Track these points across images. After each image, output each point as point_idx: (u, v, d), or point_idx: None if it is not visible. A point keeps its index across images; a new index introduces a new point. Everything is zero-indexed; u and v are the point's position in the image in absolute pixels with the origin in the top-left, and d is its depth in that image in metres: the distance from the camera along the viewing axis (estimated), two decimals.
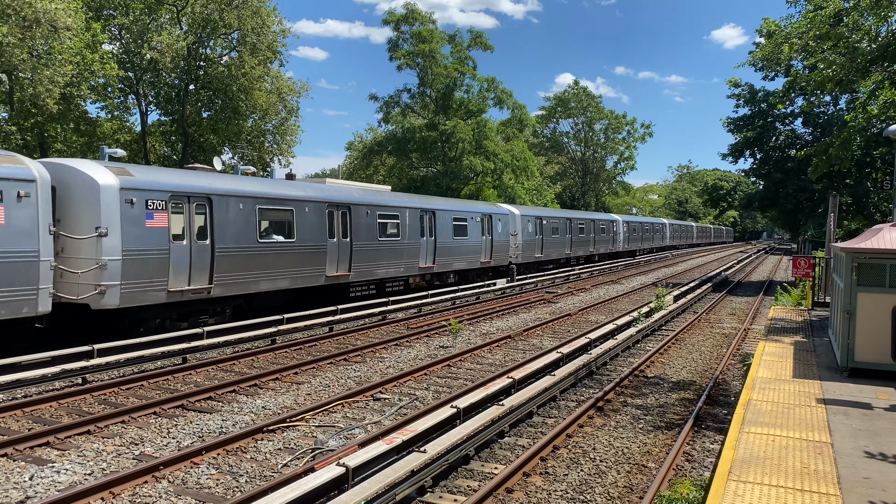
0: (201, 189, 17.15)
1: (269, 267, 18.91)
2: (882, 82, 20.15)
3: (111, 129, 42.89)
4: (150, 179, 16.13)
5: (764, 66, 37.41)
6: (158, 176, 16.80)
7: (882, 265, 10.71)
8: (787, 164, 41.38)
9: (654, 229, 72.57)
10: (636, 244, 64.84)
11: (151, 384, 13.09)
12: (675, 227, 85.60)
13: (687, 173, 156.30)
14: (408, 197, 28.39)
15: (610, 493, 8.35)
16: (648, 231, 69.97)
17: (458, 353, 16.25)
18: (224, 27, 40.16)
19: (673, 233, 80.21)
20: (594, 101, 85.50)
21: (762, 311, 26.20)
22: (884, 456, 7.09)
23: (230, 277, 17.66)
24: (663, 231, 76.80)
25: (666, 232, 77.89)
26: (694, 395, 13.10)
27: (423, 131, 58.01)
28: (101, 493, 7.70)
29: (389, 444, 8.50)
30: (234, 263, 17.74)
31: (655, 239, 73.05)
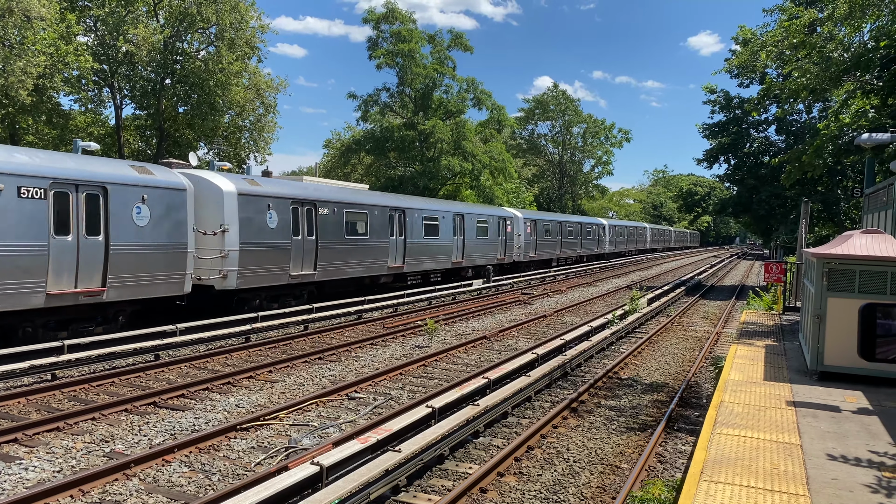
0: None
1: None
2: (854, 92, 20.52)
3: (84, 122, 42.23)
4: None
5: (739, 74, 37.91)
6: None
7: (852, 271, 10.90)
8: (760, 171, 41.96)
9: (637, 233, 79.90)
10: (622, 246, 70.64)
11: (123, 381, 12.92)
12: (655, 230, 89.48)
13: (662, 178, 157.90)
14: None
15: (583, 493, 8.40)
16: (633, 235, 77.48)
17: (434, 352, 16.25)
18: (202, 21, 39.72)
19: (653, 236, 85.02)
20: (573, 105, 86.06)
21: (734, 314, 26.54)
22: (851, 458, 7.22)
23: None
24: (645, 235, 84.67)
25: (647, 235, 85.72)
26: (666, 397, 13.24)
27: (402, 131, 57.91)
28: (71, 490, 7.58)
29: (364, 444, 8.48)
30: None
31: (638, 242, 79.94)
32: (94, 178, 15.28)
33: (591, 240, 59.50)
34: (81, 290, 14.84)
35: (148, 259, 16.38)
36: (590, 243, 58.62)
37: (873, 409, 9.32)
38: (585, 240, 57.19)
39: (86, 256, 14.92)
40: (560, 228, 49.68)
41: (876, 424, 8.58)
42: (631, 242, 74.84)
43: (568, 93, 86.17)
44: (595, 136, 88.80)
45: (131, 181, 16.15)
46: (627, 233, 73.46)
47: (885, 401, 9.82)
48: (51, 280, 14.20)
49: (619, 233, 69.69)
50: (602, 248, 62.97)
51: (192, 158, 23.28)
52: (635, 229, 76.13)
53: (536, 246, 43.97)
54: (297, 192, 21.74)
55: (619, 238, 68.25)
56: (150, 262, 16.45)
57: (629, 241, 73.36)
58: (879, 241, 11.37)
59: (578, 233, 55.24)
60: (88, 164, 15.83)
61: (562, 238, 49.95)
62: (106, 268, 15.37)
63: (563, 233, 50.39)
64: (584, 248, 56.80)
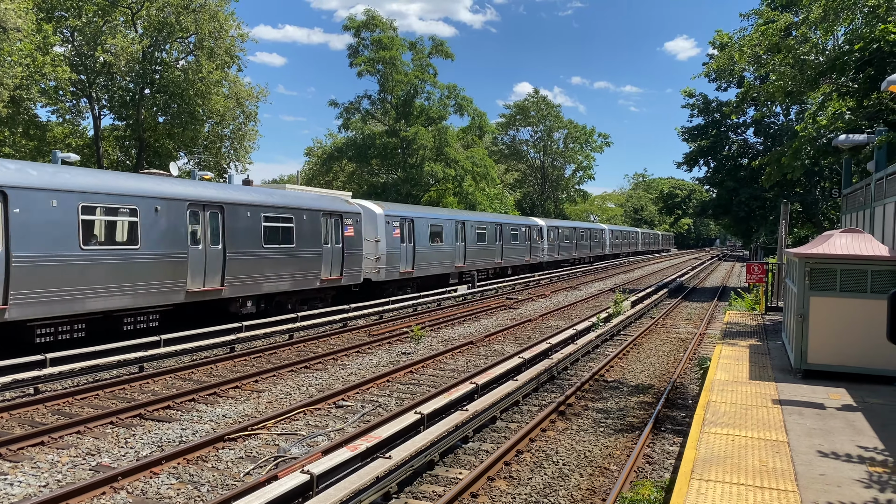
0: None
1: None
2: (830, 94, 20.82)
3: (62, 133, 41.83)
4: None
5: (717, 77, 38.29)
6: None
7: (833, 270, 11.06)
8: (739, 173, 42.37)
9: (630, 236, 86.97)
10: (618, 248, 79.51)
11: (107, 393, 12.77)
12: (616, 234, 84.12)
13: (643, 181, 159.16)
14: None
15: (573, 495, 8.43)
16: (627, 238, 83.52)
17: (421, 359, 16.24)
18: (181, 31, 39.54)
19: (613, 240, 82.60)
20: (553, 110, 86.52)
21: (717, 315, 26.78)
22: (837, 454, 7.32)
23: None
24: (637, 238, 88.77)
25: (639, 239, 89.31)
26: (653, 399, 13.32)
27: (384, 137, 57.95)
28: None
29: (354, 451, 8.45)
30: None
31: (631, 245, 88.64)
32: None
33: (597, 243, 63.38)
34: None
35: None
36: (596, 246, 63.24)
37: (857, 406, 9.45)
38: (592, 242, 61.96)
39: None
40: (575, 234, 57.46)
41: (860, 420, 8.70)
42: (625, 245, 72.67)
43: (548, 98, 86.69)
44: (576, 141, 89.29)
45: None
46: (622, 236, 70.91)
47: (868, 397, 9.96)
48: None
49: (617, 237, 69.02)
50: (604, 251, 67.25)
51: (173, 168, 23.13)
52: (629, 234, 71.60)
53: (559, 249, 53.07)
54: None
55: (616, 241, 67.07)
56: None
57: (624, 244, 70.68)
58: (859, 241, 11.55)
59: (587, 237, 60.76)
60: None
61: (576, 242, 57.54)
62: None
63: (577, 237, 58.13)
64: (592, 250, 62.44)
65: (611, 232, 75.39)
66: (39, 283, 14.14)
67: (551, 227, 50.97)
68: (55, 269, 14.47)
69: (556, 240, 51.58)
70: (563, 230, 54.34)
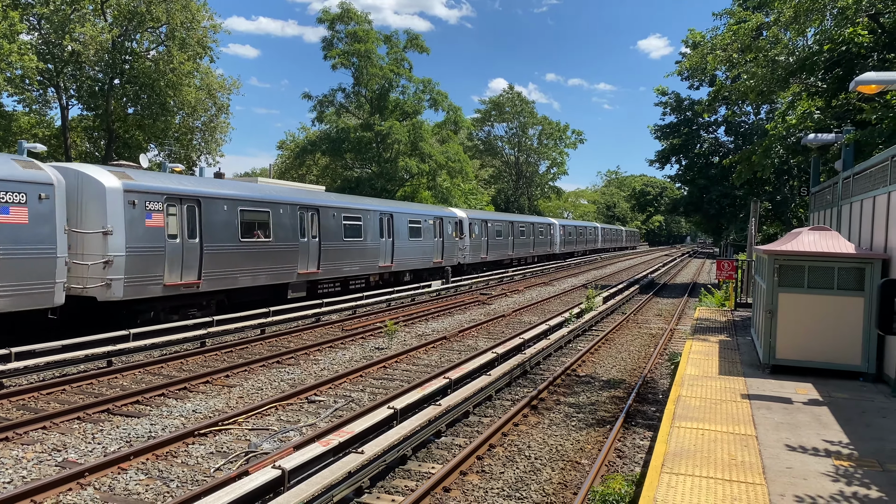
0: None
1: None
2: (799, 94, 21.15)
3: (28, 123, 40.99)
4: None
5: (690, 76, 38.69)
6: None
7: (801, 266, 11.23)
8: (710, 171, 42.93)
9: (588, 232, 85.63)
10: (608, 244, 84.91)
11: (74, 388, 12.55)
12: (570, 230, 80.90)
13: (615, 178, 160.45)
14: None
15: (545, 489, 8.47)
16: (584, 235, 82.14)
17: (394, 354, 16.20)
18: (152, 20, 38.93)
19: (566, 237, 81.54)
20: (528, 107, 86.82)
21: (687, 311, 27.10)
22: (804, 447, 7.44)
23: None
24: (596, 234, 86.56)
25: (598, 235, 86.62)
26: (624, 394, 13.44)
27: (358, 131, 57.64)
28: (23, 501, 7.33)
29: (326, 446, 8.40)
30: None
31: (616, 241, 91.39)
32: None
33: (591, 238, 63.84)
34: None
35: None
36: (590, 241, 64.13)
37: (823, 401, 9.62)
38: (587, 238, 63.27)
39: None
40: (575, 230, 59.86)
41: (826, 415, 8.86)
42: (611, 241, 67.21)
43: (523, 95, 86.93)
44: (550, 137, 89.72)
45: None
46: (611, 233, 63.87)
47: (833, 392, 10.15)
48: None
49: (607, 233, 66.03)
50: (595, 245, 69.16)
51: (143, 160, 22.79)
52: (530, 227, 53.99)
53: (564, 243, 57.19)
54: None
55: (606, 237, 63.48)
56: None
57: (612, 239, 63.77)
58: (827, 238, 11.74)
59: (584, 233, 62.53)
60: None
61: (575, 237, 58.89)
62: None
63: (576, 234, 60.16)
64: (586, 245, 63.70)
65: (562, 227, 64.76)
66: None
67: (476, 221, 41.34)
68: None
69: (483, 236, 42.11)
70: (495, 224, 45.01)
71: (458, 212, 39.24)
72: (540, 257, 57.45)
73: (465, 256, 38.96)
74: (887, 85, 10.13)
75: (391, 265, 29.80)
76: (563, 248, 64.78)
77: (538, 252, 55.95)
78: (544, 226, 58.35)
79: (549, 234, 59.03)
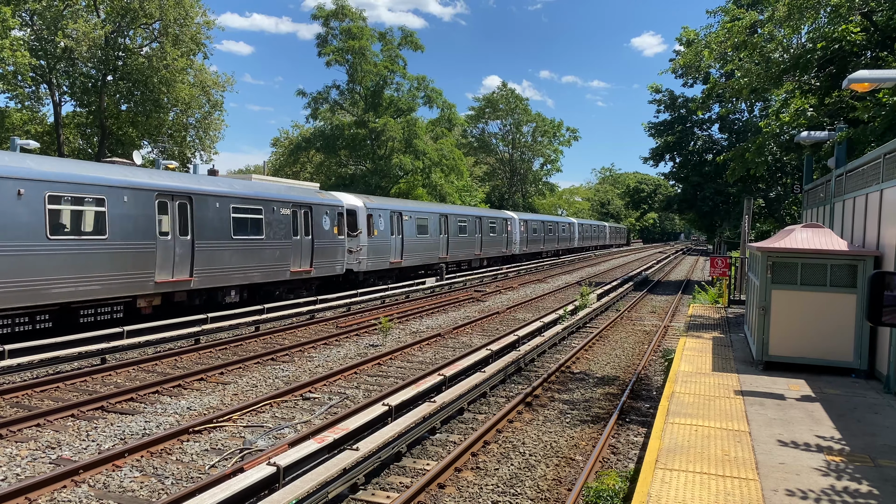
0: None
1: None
2: (793, 91, 21.23)
3: (21, 119, 40.78)
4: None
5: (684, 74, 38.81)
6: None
7: (794, 263, 11.28)
8: (704, 168, 43.06)
9: (597, 230, 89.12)
10: (613, 240, 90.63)
11: (68, 386, 12.52)
12: (536, 225, 74.47)
13: (610, 176, 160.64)
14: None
15: (539, 486, 8.50)
16: (594, 232, 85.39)
17: (389, 351, 16.21)
18: (145, 17, 38.77)
19: (532, 236, 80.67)
20: (522, 104, 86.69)
21: (681, 308, 27.18)
22: (796, 443, 7.49)
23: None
24: (572, 232, 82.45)
25: (574, 233, 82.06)
26: (618, 390, 13.48)
27: (353, 128, 57.56)
28: (17, 498, 7.32)
29: (321, 443, 8.41)
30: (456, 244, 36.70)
31: (598, 238, 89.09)
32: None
33: (600, 235, 65.84)
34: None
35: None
36: (599, 238, 66.16)
37: (815, 397, 9.68)
38: (598, 235, 66.30)
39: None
40: (588, 228, 60.58)
41: (818, 411, 8.92)
42: (614, 238, 62.95)
43: (517, 92, 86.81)
44: (544, 134, 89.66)
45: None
46: (447, 228, 37.57)
47: (826, 388, 10.21)
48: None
49: (611, 230, 65.40)
50: (603, 241, 69.90)
51: (137, 157, 22.70)
52: (477, 223, 42.58)
53: (580, 239, 57.35)
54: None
55: (612, 235, 62.40)
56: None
57: (456, 242, 38.52)
58: (819, 235, 11.80)
59: (597, 230, 63.55)
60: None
61: (585, 234, 60.07)
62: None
63: (589, 230, 61.72)
64: (599, 241, 65.43)
65: (523, 223, 53.19)
66: None
67: (383, 212, 30.09)
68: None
69: (394, 233, 30.96)
70: (417, 217, 33.85)
71: (347, 198, 28.29)
72: (492, 259, 46.90)
73: (362, 261, 27.98)
74: (879, 83, 10.18)
75: (181, 280, 18.51)
76: (526, 247, 53.89)
77: (489, 253, 44.94)
78: (498, 221, 47.32)
79: (504, 230, 48.44)
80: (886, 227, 10.63)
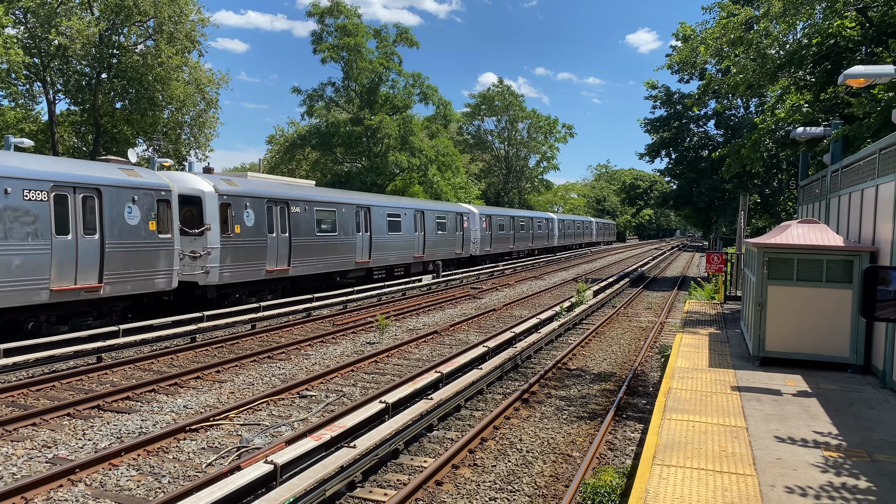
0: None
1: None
2: (788, 87, 21.23)
3: (15, 117, 40.59)
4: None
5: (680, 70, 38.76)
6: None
7: (790, 259, 11.29)
8: (700, 164, 43.05)
9: (535, 226, 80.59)
10: (602, 238, 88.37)
11: (64, 385, 12.48)
12: (567, 222, 70.82)
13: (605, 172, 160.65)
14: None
15: (537, 482, 8.50)
16: (527, 230, 76.36)
17: (386, 348, 16.19)
18: (139, 14, 38.62)
19: (599, 230, 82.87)
20: (517, 101, 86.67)
21: (677, 305, 27.21)
22: (793, 439, 7.49)
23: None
24: (550, 229, 77.61)
25: (553, 230, 74.39)
26: (615, 386, 13.49)
27: (348, 126, 57.47)
28: (13, 498, 7.30)
29: (318, 441, 8.40)
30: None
31: (537, 240, 78.61)
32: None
33: (610, 232, 68.29)
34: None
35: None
36: (608, 234, 68.03)
37: (812, 392, 9.69)
38: (608, 232, 67.37)
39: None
40: (597, 226, 61.99)
41: (815, 406, 8.93)
42: (398, 247, 31.46)
43: (512, 89, 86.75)
44: (539, 131, 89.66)
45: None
46: (367, 223, 28.64)
47: (822, 383, 10.22)
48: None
49: (318, 224, 21.43)
50: (612, 238, 69.65)
51: (132, 155, 22.63)
52: (419, 218, 34.23)
53: (595, 235, 59.36)
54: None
55: (299, 240, 22.72)
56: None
57: (396, 244, 31.20)
58: (815, 231, 11.81)
59: (602, 228, 64.38)
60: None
61: (593, 231, 60.52)
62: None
63: (596, 228, 62.51)
64: (606, 238, 66.25)
65: (484, 219, 44.20)
66: None
67: (254, 201, 21.48)
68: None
69: (273, 229, 22.32)
70: (318, 210, 24.89)
71: (184, 179, 20.24)
72: (445, 263, 37.43)
73: (211, 271, 19.70)
74: (875, 78, 10.18)
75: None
76: (490, 247, 45.45)
77: (436, 255, 36.05)
78: (449, 215, 38.11)
79: (458, 227, 39.19)
80: (882, 222, 10.65)
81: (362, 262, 28.22)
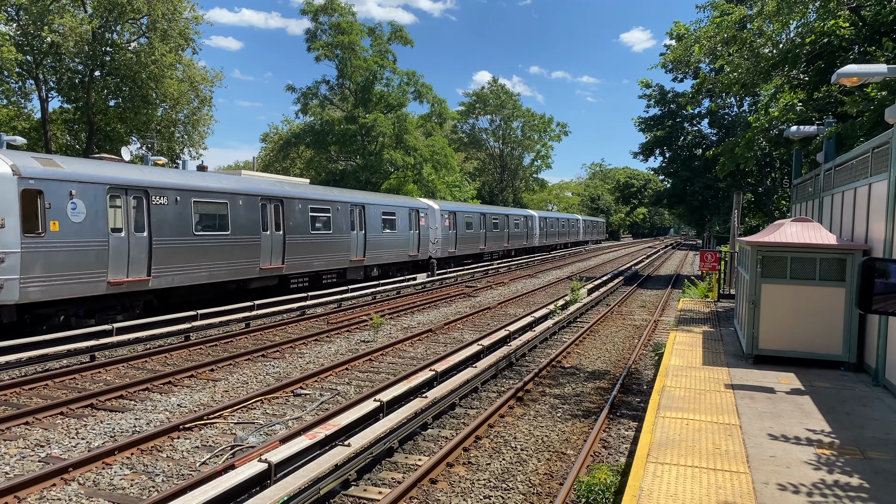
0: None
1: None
2: (782, 86, 21.30)
3: (7, 115, 40.38)
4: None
5: (674, 68, 38.85)
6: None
7: (784, 258, 11.33)
8: (694, 163, 43.14)
9: (511, 223, 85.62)
10: (590, 236, 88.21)
11: (57, 383, 12.44)
12: (552, 220, 67.37)
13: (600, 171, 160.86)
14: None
15: (531, 480, 8.51)
16: (502, 228, 76.35)
17: (380, 347, 16.18)
18: (132, 11, 38.42)
19: (587, 228, 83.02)
20: (512, 99, 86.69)
21: (671, 303, 27.27)
22: (786, 436, 7.52)
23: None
24: (531, 228, 77.90)
25: (534, 229, 71.25)
26: (609, 384, 13.52)
27: (343, 124, 57.35)
28: (6, 497, 7.27)
29: (312, 439, 8.39)
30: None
31: (514, 239, 79.90)
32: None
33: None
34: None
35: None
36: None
37: (805, 390, 9.73)
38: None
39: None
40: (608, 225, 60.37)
41: (808, 404, 8.96)
42: (325, 248, 23.27)
43: (507, 87, 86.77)
44: (534, 129, 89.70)
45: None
46: (285, 217, 22.83)
47: (815, 381, 10.26)
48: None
49: (205, 213, 18.89)
50: (617, 236, 66.77)
51: (125, 153, 22.54)
52: (357, 213, 28.14)
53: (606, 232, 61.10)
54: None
55: (190, 246, 18.10)
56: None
57: (321, 244, 25.06)
58: (809, 229, 11.85)
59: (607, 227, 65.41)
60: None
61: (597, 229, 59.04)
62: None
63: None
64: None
65: (447, 216, 38.64)
66: None
67: (91, 189, 15.99)
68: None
69: (119, 226, 16.75)
70: (198, 202, 19.33)
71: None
72: (395, 267, 32.69)
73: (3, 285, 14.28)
74: (868, 77, 10.21)
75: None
76: (454, 248, 40.17)
77: (382, 259, 30.49)
78: (400, 211, 32.59)
79: (411, 225, 33.54)
80: (875, 221, 10.69)
81: (271, 267, 22.41)
